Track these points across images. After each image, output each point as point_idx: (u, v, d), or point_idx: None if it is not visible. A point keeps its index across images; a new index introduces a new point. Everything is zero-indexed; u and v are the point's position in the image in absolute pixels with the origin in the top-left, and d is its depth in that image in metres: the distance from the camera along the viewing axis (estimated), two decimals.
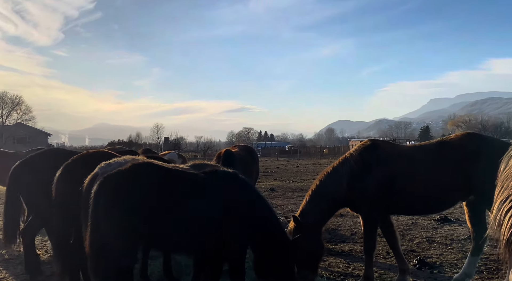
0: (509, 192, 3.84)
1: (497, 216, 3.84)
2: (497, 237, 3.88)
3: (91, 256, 4.48)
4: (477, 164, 5.88)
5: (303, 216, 6.20)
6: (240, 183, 5.21)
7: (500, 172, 4.34)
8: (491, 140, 6.32)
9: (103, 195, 4.42)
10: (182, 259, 7.07)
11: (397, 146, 6.77)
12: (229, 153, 9.71)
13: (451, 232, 9.74)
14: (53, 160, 6.36)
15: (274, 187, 20.51)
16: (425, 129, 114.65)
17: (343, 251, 8.39)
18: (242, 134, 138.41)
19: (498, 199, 3.98)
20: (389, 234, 6.63)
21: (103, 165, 5.05)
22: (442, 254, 7.97)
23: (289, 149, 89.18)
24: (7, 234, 7.34)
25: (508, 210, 3.71)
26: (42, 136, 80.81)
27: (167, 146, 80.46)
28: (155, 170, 4.79)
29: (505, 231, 3.66)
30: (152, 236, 4.66)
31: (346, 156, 6.58)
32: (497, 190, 4.13)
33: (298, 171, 34.24)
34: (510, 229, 3.59)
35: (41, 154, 7.45)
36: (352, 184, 6.25)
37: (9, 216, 7.29)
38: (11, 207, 7.23)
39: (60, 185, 5.70)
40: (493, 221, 3.87)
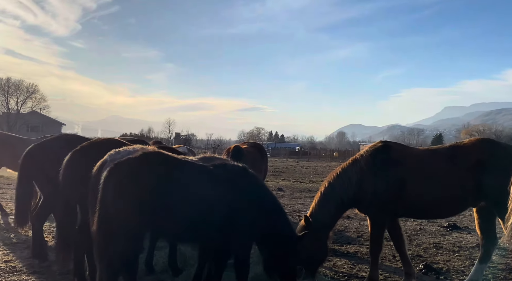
0: None
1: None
2: None
3: (98, 242, 4.50)
4: (489, 170, 5.80)
5: (313, 218, 6.15)
6: (249, 176, 5.21)
7: None
8: (505, 147, 6.22)
9: (112, 182, 4.44)
10: (187, 250, 7.07)
11: (409, 148, 6.70)
12: (238, 148, 9.71)
13: (460, 239, 9.62)
14: (67, 145, 6.41)
15: (282, 187, 20.49)
16: (438, 137, 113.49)
17: (348, 252, 8.34)
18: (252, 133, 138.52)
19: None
20: (396, 237, 6.56)
21: (113, 152, 5.08)
22: (449, 260, 7.88)
23: (299, 150, 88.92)
24: (18, 217, 7.44)
25: None
26: (56, 126, 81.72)
27: (178, 141, 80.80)
28: (165, 159, 4.80)
29: None
30: (159, 225, 4.67)
31: (356, 157, 6.51)
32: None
33: (307, 172, 34.15)
34: None
35: (55, 139, 7.54)
36: (362, 185, 6.18)
37: (21, 200, 7.39)
38: (23, 191, 7.33)
39: (68, 170, 5.74)
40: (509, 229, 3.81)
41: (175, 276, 6.32)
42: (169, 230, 4.81)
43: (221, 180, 4.89)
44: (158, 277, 6.34)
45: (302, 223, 6.13)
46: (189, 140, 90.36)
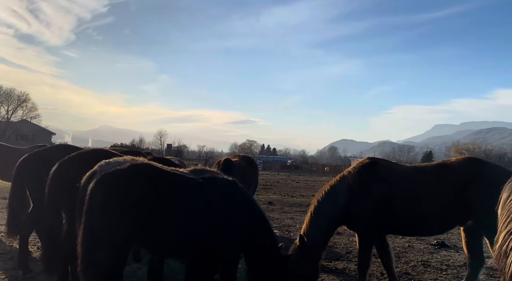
0: None
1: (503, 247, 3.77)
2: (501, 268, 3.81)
3: (82, 254, 4.44)
4: (476, 189, 5.84)
5: (306, 238, 6.11)
6: (238, 191, 5.19)
7: (504, 201, 4.28)
8: (492, 166, 6.28)
9: (99, 193, 4.40)
10: (175, 264, 6.99)
11: (396, 165, 6.74)
12: (228, 161, 9.70)
13: (447, 258, 9.62)
14: (63, 155, 6.37)
15: (273, 201, 20.41)
16: (428, 155, 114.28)
17: (336, 269, 8.30)
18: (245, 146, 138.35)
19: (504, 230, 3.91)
20: (384, 254, 6.56)
21: (103, 163, 5.05)
22: (437, 279, 7.86)
23: (290, 164, 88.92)
24: (10, 227, 7.33)
25: None
26: (46, 135, 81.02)
27: (169, 152, 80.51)
28: (153, 172, 4.77)
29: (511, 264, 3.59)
30: (144, 238, 4.62)
31: (344, 173, 6.54)
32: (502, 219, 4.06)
33: (298, 186, 34.09)
34: None
35: (50, 149, 7.51)
36: (349, 202, 6.20)
37: (13, 209, 7.30)
38: (16, 200, 7.25)
39: (54, 181, 5.68)
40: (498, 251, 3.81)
41: None
42: (155, 244, 4.76)
43: (210, 194, 4.87)
44: None
45: (296, 243, 6.09)
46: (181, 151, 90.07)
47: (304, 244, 5.93)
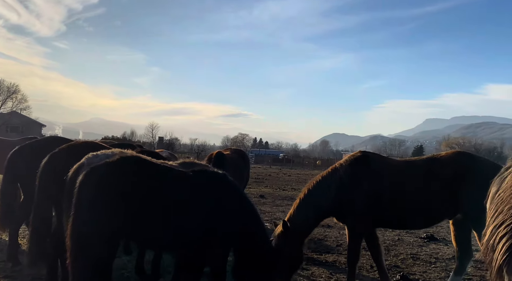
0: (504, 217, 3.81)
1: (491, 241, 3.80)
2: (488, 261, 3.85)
3: (71, 247, 4.40)
4: (466, 183, 5.89)
5: (291, 223, 6.17)
6: (228, 184, 5.17)
7: (492, 195, 4.31)
8: (482, 160, 6.33)
9: (87, 186, 4.36)
10: (166, 257, 6.98)
11: (387, 159, 6.77)
12: (220, 154, 9.69)
13: (436, 251, 9.73)
14: (55, 147, 6.31)
15: (264, 194, 20.45)
16: (419, 149, 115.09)
17: (327, 262, 8.35)
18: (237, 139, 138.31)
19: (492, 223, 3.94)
20: (373, 247, 6.60)
21: (90, 156, 5.00)
22: (426, 271, 7.95)
23: (282, 157, 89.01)
24: (2, 219, 7.27)
25: (503, 236, 3.67)
26: (36, 127, 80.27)
27: (161, 145, 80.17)
28: (143, 165, 4.74)
29: (498, 257, 3.62)
30: (134, 231, 4.60)
31: (336, 166, 6.57)
32: (490, 213, 4.10)
33: (289, 179, 34.18)
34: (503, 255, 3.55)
35: (41, 141, 7.44)
36: (340, 194, 6.23)
37: (4, 201, 7.23)
38: (7, 193, 7.18)
39: (44, 173, 5.63)
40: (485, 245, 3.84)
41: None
42: (144, 237, 4.74)
43: (200, 187, 4.85)
44: None
45: (279, 228, 6.13)
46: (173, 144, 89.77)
47: (287, 230, 5.98)
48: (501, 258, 3.59)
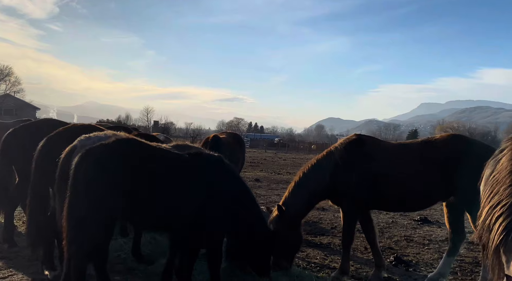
0: (500, 197, 3.84)
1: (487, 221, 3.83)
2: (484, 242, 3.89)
3: (67, 229, 4.41)
4: (460, 166, 5.93)
5: (285, 206, 6.22)
6: (224, 167, 5.19)
7: (486, 176, 4.34)
8: (476, 143, 6.37)
9: (83, 168, 4.36)
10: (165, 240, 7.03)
11: (382, 142, 6.79)
12: (216, 138, 9.68)
13: (430, 233, 9.85)
14: (50, 129, 6.28)
15: (260, 178, 20.53)
16: (413, 133, 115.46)
17: (321, 244, 8.45)
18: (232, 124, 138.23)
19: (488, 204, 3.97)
20: (368, 229, 6.67)
21: (83, 138, 5.00)
22: (419, 253, 8.06)
23: (277, 142, 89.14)
24: None
25: (499, 216, 3.71)
26: (30, 110, 79.64)
27: (156, 129, 79.96)
28: (139, 146, 4.74)
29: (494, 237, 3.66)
30: (130, 212, 4.62)
31: (331, 149, 6.59)
32: (485, 194, 4.13)
33: (284, 164, 34.29)
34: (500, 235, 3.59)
35: (36, 123, 7.39)
36: (335, 177, 6.27)
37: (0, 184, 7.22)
38: (2, 175, 7.16)
39: (41, 157, 5.60)
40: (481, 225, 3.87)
41: (146, 265, 6.27)
42: (140, 218, 4.76)
43: (195, 169, 4.86)
44: (129, 266, 6.27)
45: (275, 212, 6.19)
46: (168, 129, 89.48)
47: (282, 213, 6.05)
48: (498, 238, 3.63)
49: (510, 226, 3.55)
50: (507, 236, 3.52)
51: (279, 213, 6.13)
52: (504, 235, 3.56)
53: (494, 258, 3.67)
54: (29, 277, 5.65)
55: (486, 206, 3.97)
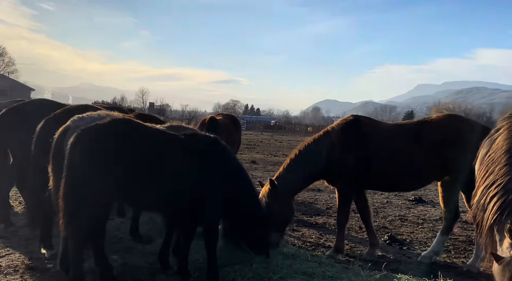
0: (495, 177, 3.87)
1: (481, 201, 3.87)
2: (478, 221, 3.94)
3: (64, 208, 4.43)
4: (455, 146, 5.96)
5: (278, 181, 6.25)
6: (219, 148, 5.18)
7: (482, 156, 4.37)
8: (472, 123, 6.39)
9: (79, 147, 4.34)
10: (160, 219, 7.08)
11: (378, 123, 6.81)
12: (213, 119, 9.68)
13: (424, 212, 9.96)
14: (44, 110, 6.22)
15: (256, 160, 20.58)
16: (409, 114, 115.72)
17: (317, 223, 8.53)
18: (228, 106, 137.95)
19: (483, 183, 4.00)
20: (363, 209, 6.74)
21: (76, 118, 4.98)
22: (413, 232, 8.16)
23: (274, 124, 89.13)
24: None
25: (493, 196, 3.74)
26: (25, 90, 78.82)
27: (152, 111, 79.72)
28: (135, 127, 4.72)
29: (489, 216, 3.70)
30: (127, 193, 4.63)
31: (328, 129, 6.60)
32: (480, 174, 4.16)
33: (281, 146, 34.36)
34: (494, 215, 3.63)
35: (30, 103, 7.34)
36: (331, 157, 6.29)
37: None
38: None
39: (41, 138, 5.57)
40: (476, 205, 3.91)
41: (144, 244, 6.32)
42: (137, 198, 4.77)
43: (192, 150, 4.85)
44: (126, 245, 6.33)
45: (267, 186, 6.22)
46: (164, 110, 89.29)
47: (274, 188, 6.09)
48: (492, 217, 3.67)
49: (504, 205, 3.59)
50: (501, 216, 3.57)
51: (271, 187, 6.16)
52: (498, 214, 3.60)
53: (488, 237, 3.72)
54: (26, 256, 5.69)
55: (481, 186, 3.99)
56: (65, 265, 4.79)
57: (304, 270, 5.10)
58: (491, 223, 3.64)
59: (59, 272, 5.04)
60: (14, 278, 4.93)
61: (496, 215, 3.60)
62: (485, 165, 4.15)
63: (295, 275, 4.93)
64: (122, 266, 5.47)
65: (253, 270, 4.96)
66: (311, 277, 4.92)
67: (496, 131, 4.44)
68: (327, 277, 4.91)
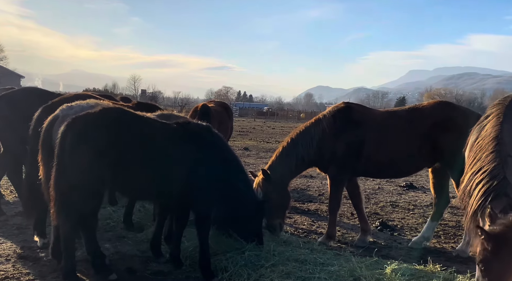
0: (481, 164, 3.92)
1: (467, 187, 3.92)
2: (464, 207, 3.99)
3: (55, 198, 4.41)
4: (446, 132, 6.00)
5: (271, 170, 6.27)
6: (212, 136, 5.17)
7: (471, 143, 4.40)
8: (462, 110, 6.43)
9: (70, 136, 4.32)
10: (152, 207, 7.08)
11: (370, 110, 6.83)
12: (206, 107, 9.62)
13: (415, 198, 10.06)
14: (34, 98, 6.14)
15: (249, 147, 20.59)
16: (401, 100, 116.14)
17: (309, 210, 8.59)
18: (221, 93, 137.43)
19: (470, 170, 4.05)
20: (354, 195, 6.78)
21: (65, 107, 4.94)
22: (404, 218, 8.25)
23: (266, 110, 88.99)
24: None
25: (479, 182, 3.80)
26: (14, 78, 77.67)
27: (143, 98, 79.20)
28: (126, 115, 4.69)
29: (473, 202, 3.76)
30: (117, 182, 4.62)
31: (319, 116, 6.60)
32: (468, 160, 4.20)
33: (273, 132, 34.38)
34: (478, 201, 3.68)
35: (20, 91, 7.25)
36: (322, 145, 6.31)
37: None
38: None
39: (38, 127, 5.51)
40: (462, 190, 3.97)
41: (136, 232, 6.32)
42: (129, 186, 4.77)
43: (184, 138, 4.84)
44: (118, 233, 6.33)
45: (260, 175, 6.24)
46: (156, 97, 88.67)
47: (267, 177, 6.12)
48: (477, 203, 3.72)
49: (488, 191, 3.65)
50: (484, 201, 3.62)
51: (264, 177, 6.18)
52: (482, 200, 3.66)
53: (472, 222, 3.78)
54: (18, 245, 5.67)
55: (469, 172, 4.05)
56: (57, 254, 4.79)
57: (296, 257, 5.14)
58: (475, 209, 3.70)
59: (51, 261, 5.04)
60: (6, 267, 4.92)
61: (481, 201, 3.66)
62: (474, 152, 4.20)
63: (287, 262, 4.96)
64: (114, 254, 5.49)
65: (245, 258, 4.98)
66: (303, 263, 4.96)
67: (486, 118, 4.47)
68: (318, 264, 4.95)
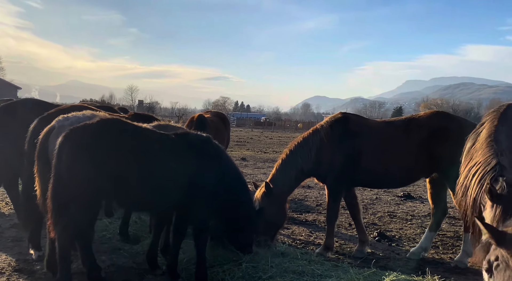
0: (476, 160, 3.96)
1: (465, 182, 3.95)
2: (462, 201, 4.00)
3: (52, 210, 4.38)
4: (443, 143, 6.01)
5: (272, 183, 6.28)
6: (212, 146, 5.16)
7: (468, 149, 4.43)
8: (459, 120, 6.44)
9: (67, 148, 4.30)
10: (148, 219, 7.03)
11: (367, 120, 6.84)
12: (202, 117, 9.61)
13: (413, 209, 10.03)
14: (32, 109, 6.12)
15: (246, 157, 20.57)
16: (398, 110, 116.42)
17: (307, 221, 8.55)
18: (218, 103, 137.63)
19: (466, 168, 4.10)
20: (352, 206, 6.77)
21: (61, 118, 4.92)
22: (402, 228, 8.22)
23: (264, 120, 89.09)
24: None
25: (475, 172, 3.84)
26: (11, 89, 77.63)
27: (141, 109, 79.23)
28: (124, 126, 4.68)
29: (471, 192, 3.77)
30: (115, 193, 4.58)
31: (316, 127, 6.61)
32: (464, 162, 4.23)
33: (271, 142, 34.39)
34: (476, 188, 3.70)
35: (17, 103, 7.24)
36: (320, 155, 6.32)
37: None
38: None
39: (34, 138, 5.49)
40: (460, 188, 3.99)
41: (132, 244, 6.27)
42: (127, 198, 4.73)
43: (183, 150, 4.82)
44: (114, 245, 6.28)
45: (262, 189, 6.22)
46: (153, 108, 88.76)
47: (269, 190, 6.11)
48: (475, 191, 3.73)
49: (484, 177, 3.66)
50: (481, 187, 3.63)
51: (266, 190, 6.18)
52: (479, 186, 3.68)
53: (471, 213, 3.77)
54: (13, 257, 5.62)
55: (464, 171, 4.09)
56: (52, 267, 4.74)
57: (294, 268, 5.10)
58: (474, 197, 3.70)
59: (46, 273, 4.98)
60: (1, 280, 4.86)
61: (478, 187, 3.67)
62: (470, 155, 4.24)
63: (285, 273, 4.93)
64: (110, 266, 5.44)
65: (242, 270, 4.95)
66: (300, 275, 4.93)
67: (481, 125, 4.51)
68: (316, 276, 4.92)
